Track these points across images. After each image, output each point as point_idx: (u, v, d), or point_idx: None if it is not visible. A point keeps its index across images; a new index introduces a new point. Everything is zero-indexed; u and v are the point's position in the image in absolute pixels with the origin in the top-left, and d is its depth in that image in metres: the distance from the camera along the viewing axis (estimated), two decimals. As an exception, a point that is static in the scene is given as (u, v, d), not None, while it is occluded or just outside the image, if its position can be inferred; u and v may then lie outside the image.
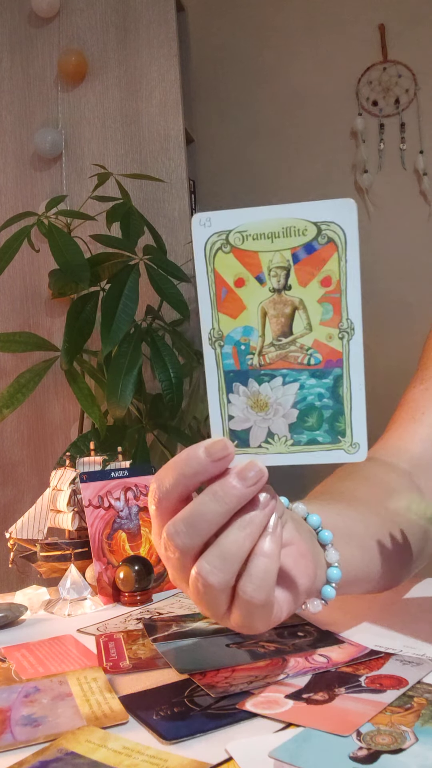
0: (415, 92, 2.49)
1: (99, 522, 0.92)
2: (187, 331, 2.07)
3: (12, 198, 2.24)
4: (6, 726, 0.53)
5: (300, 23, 2.60)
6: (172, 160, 2.17)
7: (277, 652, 0.63)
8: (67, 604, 0.86)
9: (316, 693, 0.54)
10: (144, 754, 0.46)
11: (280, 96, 2.61)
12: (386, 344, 2.46)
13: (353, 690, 0.54)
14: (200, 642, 0.67)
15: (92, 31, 2.23)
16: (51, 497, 0.99)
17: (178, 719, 0.51)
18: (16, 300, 2.22)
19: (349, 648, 0.63)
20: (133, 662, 0.65)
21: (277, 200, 2.21)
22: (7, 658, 0.70)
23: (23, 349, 1.90)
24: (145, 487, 0.98)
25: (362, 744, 0.45)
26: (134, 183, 2.11)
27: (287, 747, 0.46)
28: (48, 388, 2.17)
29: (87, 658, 0.68)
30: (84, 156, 2.21)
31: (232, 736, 0.48)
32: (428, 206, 2.47)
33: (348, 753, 0.44)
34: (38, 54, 2.26)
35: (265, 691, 0.55)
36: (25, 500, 2.16)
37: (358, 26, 2.54)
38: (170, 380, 1.70)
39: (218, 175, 2.63)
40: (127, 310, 1.67)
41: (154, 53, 2.19)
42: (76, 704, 0.56)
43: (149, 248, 1.87)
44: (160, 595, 0.90)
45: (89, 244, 1.88)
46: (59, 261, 1.67)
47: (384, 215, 2.50)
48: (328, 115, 2.56)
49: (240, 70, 2.65)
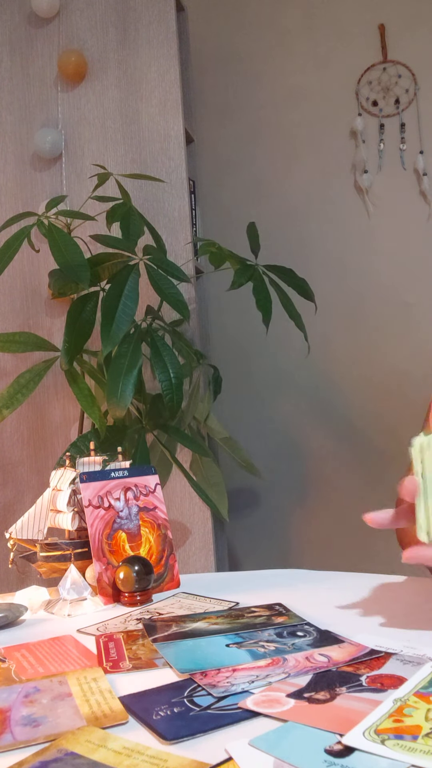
0: (415, 92, 2.49)
1: (99, 522, 0.92)
2: (187, 331, 2.07)
3: (12, 198, 2.24)
4: (6, 726, 0.53)
5: (300, 23, 2.59)
6: (172, 160, 2.17)
7: (277, 651, 0.63)
8: (67, 605, 0.86)
9: (318, 692, 0.54)
10: (144, 754, 0.46)
11: (280, 96, 2.61)
12: (387, 344, 2.46)
13: (354, 689, 0.54)
14: (200, 642, 0.67)
15: (92, 31, 2.23)
16: (51, 497, 0.98)
17: (178, 719, 0.51)
18: (16, 300, 2.22)
19: (349, 647, 0.63)
20: (133, 662, 0.65)
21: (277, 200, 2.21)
22: (7, 658, 0.69)
23: (23, 349, 1.90)
24: (145, 487, 0.97)
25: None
26: (134, 183, 2.10)
27: (267, 737, 0.47)
28: (48, 388, 2.17)
29: (87, 658, 0.68)
30: (84, 156, 2.21)
31: (232, 736, 0.48)
32: (428, 206, 2.47)
33: (324, 747, 0.45)
34: (38, 54, 2.26)
35: (266, 690, 0.55)
36: (25, 500, 2.16)
37: (358, 26, 2.54)
38: (170, 380, 1.70)
39: (218, 175, 2.63)
40: (127, 310, 1.66)
41: (154, 53, 2.19)
42: (76, 704, 0.55)
43: (149, 248, 1.87)
44: (160, 595, 0.90)
45: (89, 244, 1.88)
46: (59, 261, 1.67)
47: (384, 215, 2.50)
48: (328, 115, 2.56)
49: (240, 70, 2.64)
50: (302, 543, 2.52)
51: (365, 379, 2.46)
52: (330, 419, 2.50)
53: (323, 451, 2.49)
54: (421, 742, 0.45)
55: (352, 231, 2.53)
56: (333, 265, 2.53)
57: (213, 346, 2.57)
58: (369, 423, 2.45)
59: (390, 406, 2.41)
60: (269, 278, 1.88)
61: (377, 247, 2.50)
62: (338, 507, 2.46)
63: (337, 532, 2.46)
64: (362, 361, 2.48)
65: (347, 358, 2.49)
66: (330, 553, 2.46)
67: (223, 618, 0.75)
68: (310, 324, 2.04)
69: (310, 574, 0.98)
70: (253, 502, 2.56)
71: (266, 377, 2.56)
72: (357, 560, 2.41)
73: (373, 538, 2.29)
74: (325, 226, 2.54)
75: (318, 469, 2.50)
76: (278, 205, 2.56)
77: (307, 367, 2.48)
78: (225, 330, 2.58)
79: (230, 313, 2.56)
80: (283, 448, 2.53)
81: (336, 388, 2.51)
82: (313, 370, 2.49)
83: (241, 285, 1.81)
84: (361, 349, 2.49)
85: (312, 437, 2.51)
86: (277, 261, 2.00)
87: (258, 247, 1.97)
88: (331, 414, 2.50)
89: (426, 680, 0.54)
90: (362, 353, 2.48)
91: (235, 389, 2.53)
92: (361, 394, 2.46)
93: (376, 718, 0.48)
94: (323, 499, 2.49)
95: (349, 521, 2.44)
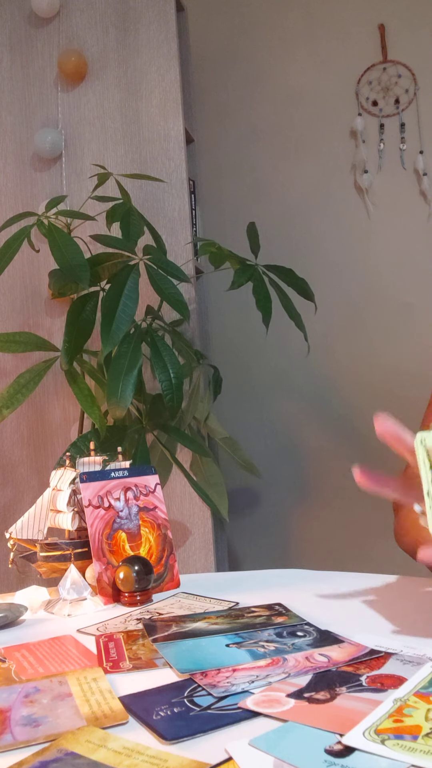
0: (415, 92, 2.49)
1: (99, 522, 0.92)
2: (187, 331, 2.07)
3: (12, 198, 2.24)
4: (6, 726, 0.53)
5: (300, 23, 2.59)
6: (172, 160, 2.17)
7: (277, 651, 0.63)
8: (67, 604, 0.86)
9: (318, 692, 0.54)
10: (144, 754, 0.46)
11: (280, 96, 2.61)
12: (387, 344, 2.46)
13: (354, 689, 0.54)
14: (200, 642, 0.67)
15: (92, 31, 2.23)
16: (51, 497, 0.98)
17: (178, 719, 0.51)
18: (16, 300, 2.22)
19: (349, 647, 0.63)
20: (133, 662, 0.65)
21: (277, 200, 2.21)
22: (7, 658, 0.69)
23: (23, 349, 1.90)
24: (145, 487, 0.97)
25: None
26: (134, 183, 2.10)
27: (267, 737, 0.47)
28: (48, 388, 2.17)
29: (87, 658, 0.68)
30: (84, 156, 2.21)
31: (232, 736, 0.48)
32: (428, 206, 2.47)
33: (324, 746, 0.45)
34: (38, 54, 2.26)
35: (266, 690, 0.55)
36: (25, 500, 2.16)
37: (358, 26, 2.54)
38: (170, 380, 1.70)
39: (218, 175, 2.63)
40: (127, 310, 1.66)
41: (154, 53, 2.19)
42: (76, 704, 0.55)
43: (149, 248, 1.87)
44: (160, 595, 0.90)
45: (89, 244, 1.88)
46: (59, 261, 1.67)
47: (384, 215, 2.50)
48: (328, 115, 2.56)
49: (240, 70, 2.64)
50: (302, 543, 2.52)
51: (365, 379, 2.46)
52: (330, 419, 2.50)
53: (323, 451, 2.49)
54: (421, 742, 0.45)
55: (352, 231, 2.52)
56: (333, 265, 2.53)
57: (213, 346, 2.57)
58: (369, 423, 2.43)
59: (390, 406, 2.41)
60: (269, 278, 1.88)
61: (377, 247, 2.50)
62: (338, 507, 2.46)
63: (337, 532, 2.46)
64: (362, 361, 2.48)
65: (347, 358, 2.49)
66: (330, 553, 2.46)
67: (223, 618, 0.75)
68: (310, 324, 2.04)
69: (310, 574, 0.98)
70: (253, 502, 2.56)
71: (266, 377, 2.56)
72: (357, 560, 2.41)
73: (373, 538, 2.29)
74: (325, 226, 2.54)
75: (318, 469, 2.50)
76: (278, 205, 2.56)
77: (307, 367, 2.48)
78: (225, 330, 2.58)
79: (230, 313, 2.56)
80: (283, 448, 2.53)
81: (336, 388, 2.51)
82: (313, 370, 2.49)
83: (241, 285, 1.81)
84: (361, 349, 2.48)
85: (312, 437, 2.51)
86: (277, 261, 2.00)
87: (258, 247, 1.97)
88: (331, 414, 2.50)
89: (426, 680, 0.54)
90: (362, 353, 2.48)
91: (235, 389, 2.53)
92: (361, 394, 2.46)
93: (376, 718, 0.48)
94: (323, 499, 2.49)
95: (349, 521, 2.44)
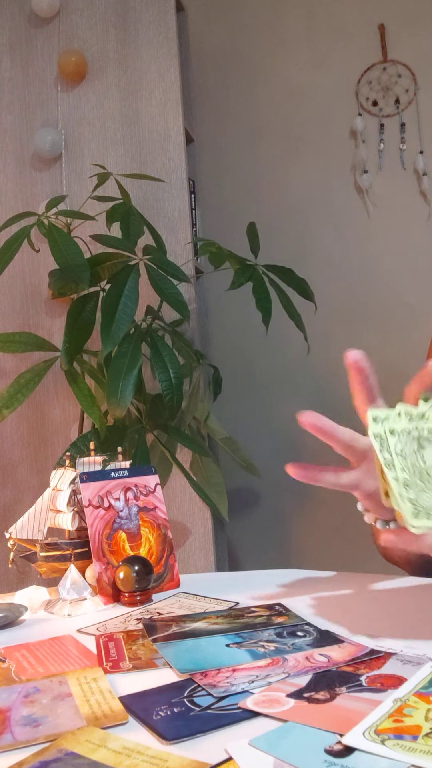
0: (415, 92, 2.49)
1: (99, 522, 0.92)
2: (187, 332, 2.07)
3: (12, 198, 2.24)
4: (6, 726, 0.53)
5: (299, 23, 2.59)
6: (172, 160, 2.17)
7: (277, 651, 0.63)
8: (67, 604, 0.86)
9: (318, 692, 0.54)
10: (144, 754, 0.46)
11: (280, 96, 2.61)
12: (387, 344, 2.46)
13: (354, 689, 0.54)
14: (200, 642, 0.67)
15: (92, 31, 2.23)
16: (51, 497, 0.98)
17: (178, 719, 0.51)
18: (16, 300, 2.22)
19: (349, 647, 0.63)
20: (133, 662, 0.65)
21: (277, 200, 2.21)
22: (7, 658, 0.69)
23: (23, 349, 1.90)
24: (145, 487, 0.97)
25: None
26: (134, 183, 2.10)
27: (267, 737, 0.47)
28: (48, 388, 2.17)
29: (87, 658, 0.68)
30: (84, 156, 2.21)
31: (232, 736, 0.48)
32: (428, 206, 2.47)
33: (324, 746, 0.45)
34: (38, 54, 2.26)
35: (266, 690, 0.55)
36: (25, 500, 2.16)
37: (358, 26, 2.54)
38: (170, 380, 1.70)
39: (218, 175, 2.63)
40: (127, 310, 1.66)
41: (154, 53, 2.19)
42: (76, 704, 0.55)
43: (149, 248, 1.87)
44: (160, 595, 0.90)
45: (89, 244, 1.88)
46: (59, 261, 1.67)
47: (384, 215, 2.50)
48: (328, 115, 2.56)
49: (240, 70, 2.64)
50: (302, 543, 2.52)
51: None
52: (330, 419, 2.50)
53: (323, 451, 2.48)
54: (421, 742, 0.45)
55: (352, 231, 2.52)
56: (333, 265, 2.52)
57: (213, 346, 2.57)
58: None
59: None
60: (269, 278, 1.88)
61: (377, 247, 2.50)
62: (338, 507, 2.46)
63: (337, 532, 2.46)
64: (362, 361, 2.47)
65: (347, 358, 2.49)
66: (330, 553, 2.46)
67: (223, 618, 0.75)
68: (310, 324, 2.04)
69: (310, 574, 0.98)
70: (253, 502, 2.56)
71: (266, 377, 2.56)
72: (357, 560, 2.41)
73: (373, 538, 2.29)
74: (325, 226, 2.54)
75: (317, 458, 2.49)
76: (278, 205, 2.56)
77: (307, 367, 2.47)
78: (225, 330, 2.58)
79: (230, 313, 2.56)
80: (283, 448, 2.53)
81: (336, 388, 2.50)
82: (313, 370, 2.49)
83: (241, 285, 1.81)
84: (361, 349, 2.48)
85: (312, 437, 2.50)
86: (277, 261, 2.00)
87: (258, 247, 1.97)
88: (331, 414, 2.48)
89: (426, 680, 0.54)
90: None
91: (235, 389, 2.53)
92: (361, 394, 2.45)
93: (376, 718, 0.48)
94: (323, 499, 2.49)
95: (349, 521, 2.44)
